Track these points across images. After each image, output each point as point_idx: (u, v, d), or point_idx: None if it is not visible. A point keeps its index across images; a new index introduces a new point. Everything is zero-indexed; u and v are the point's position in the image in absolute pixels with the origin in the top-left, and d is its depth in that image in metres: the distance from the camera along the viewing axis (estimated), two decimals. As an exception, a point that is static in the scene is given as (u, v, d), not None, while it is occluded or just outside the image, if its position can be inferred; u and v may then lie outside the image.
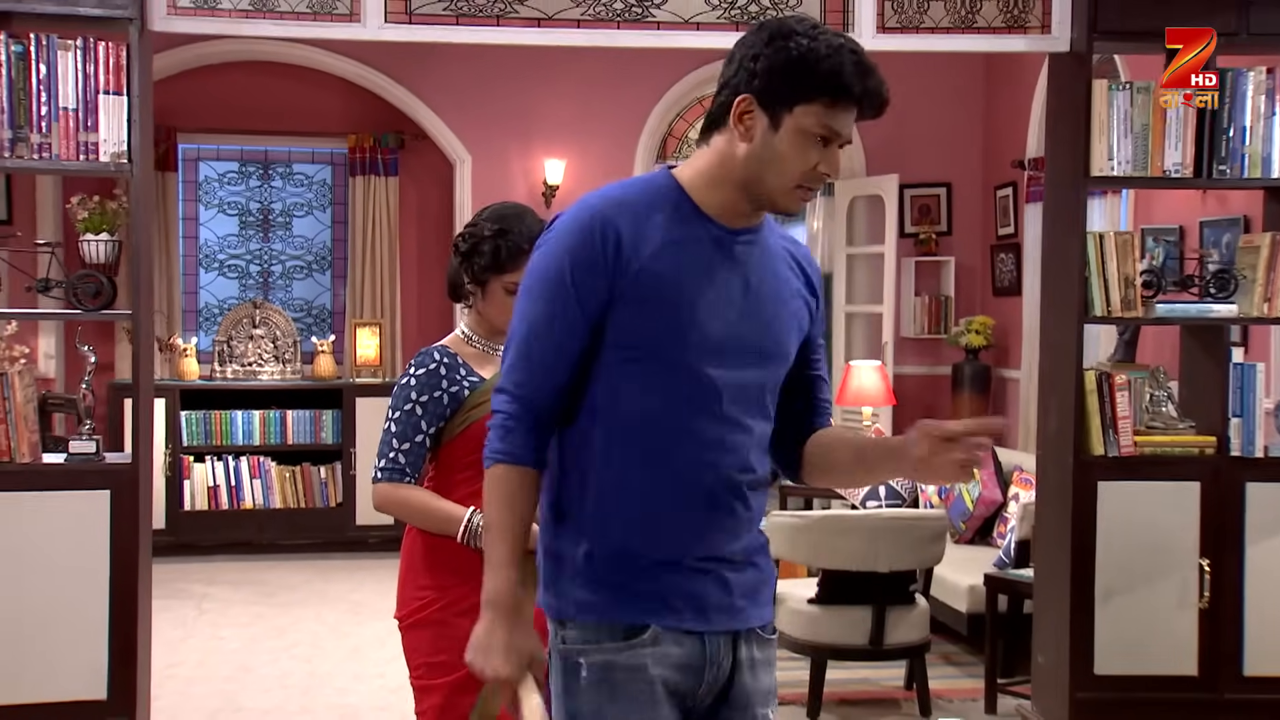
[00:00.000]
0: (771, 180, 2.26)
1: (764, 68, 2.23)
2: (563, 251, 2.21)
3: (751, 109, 2.24)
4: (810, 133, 2.23)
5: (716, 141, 2.30)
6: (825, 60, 2.21)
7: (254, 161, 9.73)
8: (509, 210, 3.20)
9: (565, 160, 9.40)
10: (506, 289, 3.11)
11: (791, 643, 5.76)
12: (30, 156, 4.06)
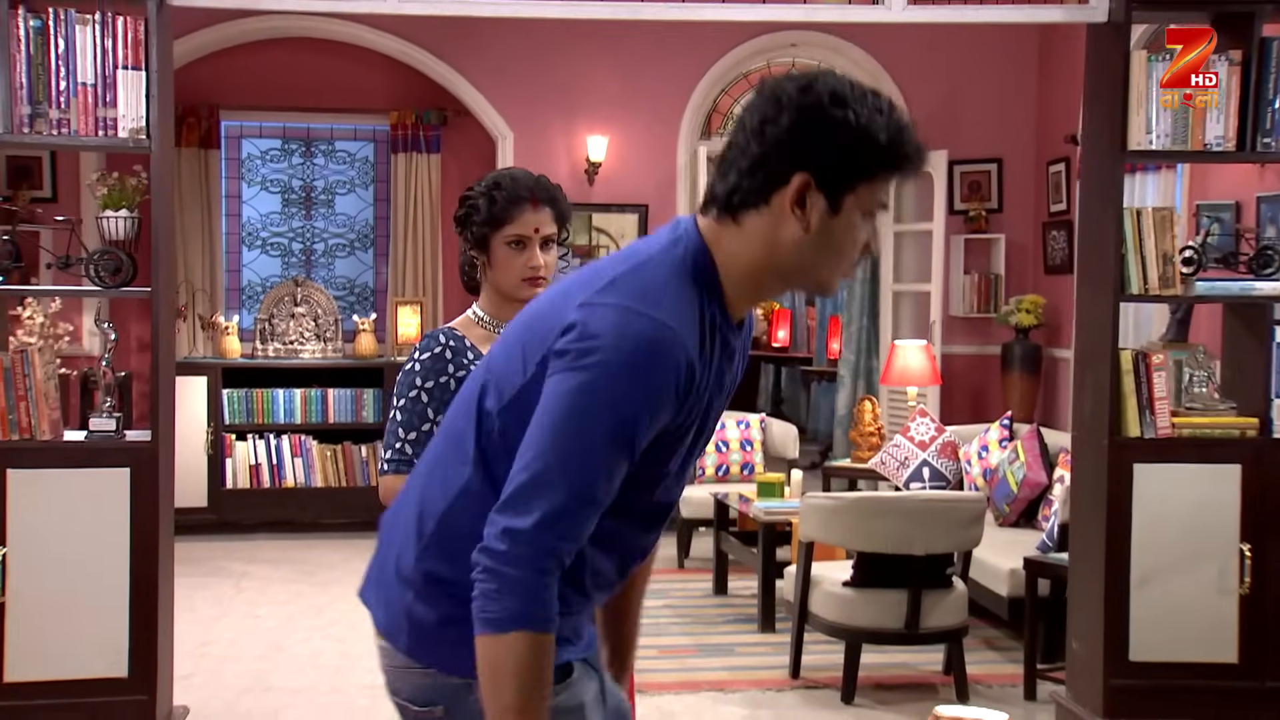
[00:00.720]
0: (826, 268, 2.02)
1: (820, 143, 1.94)
2: (638, 390, 1.90)
3: (808, 189, 1.95)
4: (868, 210, 2.01)
5: (753, 224, 1.99)
6: (886, 131, 1.95)
7: (296, 139, 9.73)
8: (499, 171, 3.15)
9: (608, 137, 9.33)
10: (508, 242, 3.04)
11: (826, 626, 5.69)
12: (49, 132, 4.05)
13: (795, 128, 1.94)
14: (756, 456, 8.11)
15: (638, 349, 1.89)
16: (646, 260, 2.01)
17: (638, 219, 9.39)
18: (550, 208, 3.07)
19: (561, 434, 1.90)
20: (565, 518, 1.90)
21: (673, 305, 1.95)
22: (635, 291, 1.94)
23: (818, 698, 5.68)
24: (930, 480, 7.50)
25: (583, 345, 1.91)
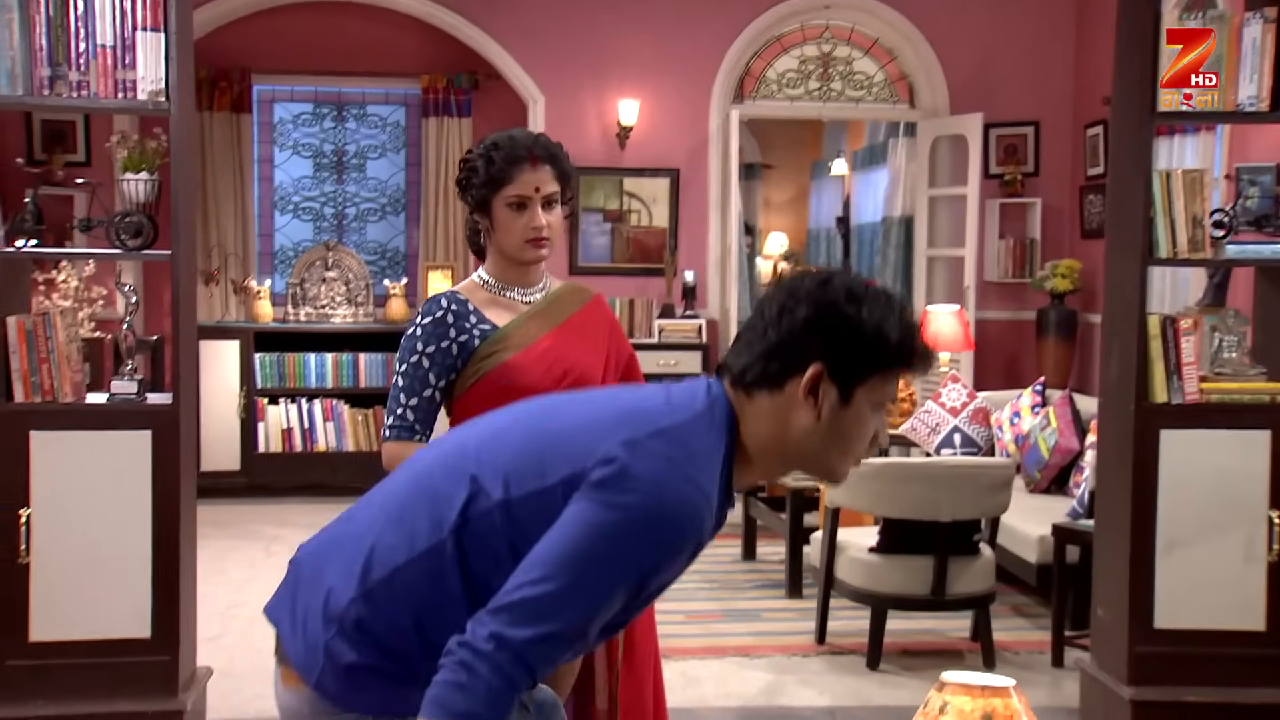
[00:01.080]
0: (834, 456, 2.11)
1: (835, 336, 2.04)
2: (664, 547, 1.96)
3: (823, 382, 2.05)
4: (878, 403, 2.10)
5: (765, 405, 2.08)
6: (898, 329, 2.06)
7: (328, 103, 9.73)
8: (498, 133, 3.11)
9: (639, 100, 9.26)
10: (508, 204, 3.00)
11: (851, 592, 5.67)
12: (69, 95, 4.04)
13: (812, 320, 2.04)
14: (787, 422, 8.06)
15: (677, 509, 1.95)
16: (694, 419, 2.06)
17: (669, 183, 9.34)
18: (551, 166, 3.03)
19: (580, 566, 1.93)
20: (556, 643, 1.93)
21: (710, 473, 2.02)
22: (682, 449, 1.99)
23: (843, 663, 5.66)
24: (961, 446, 7.45)
25: (624, 484, 1.95)
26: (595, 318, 3.19)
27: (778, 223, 15.93)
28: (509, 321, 3.05)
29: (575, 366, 3.05)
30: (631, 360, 3.26)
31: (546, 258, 3.09)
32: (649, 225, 9.37)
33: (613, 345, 3.18)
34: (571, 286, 3.27)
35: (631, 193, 9.36)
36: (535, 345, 3.03)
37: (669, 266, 9.23)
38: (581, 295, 3.23)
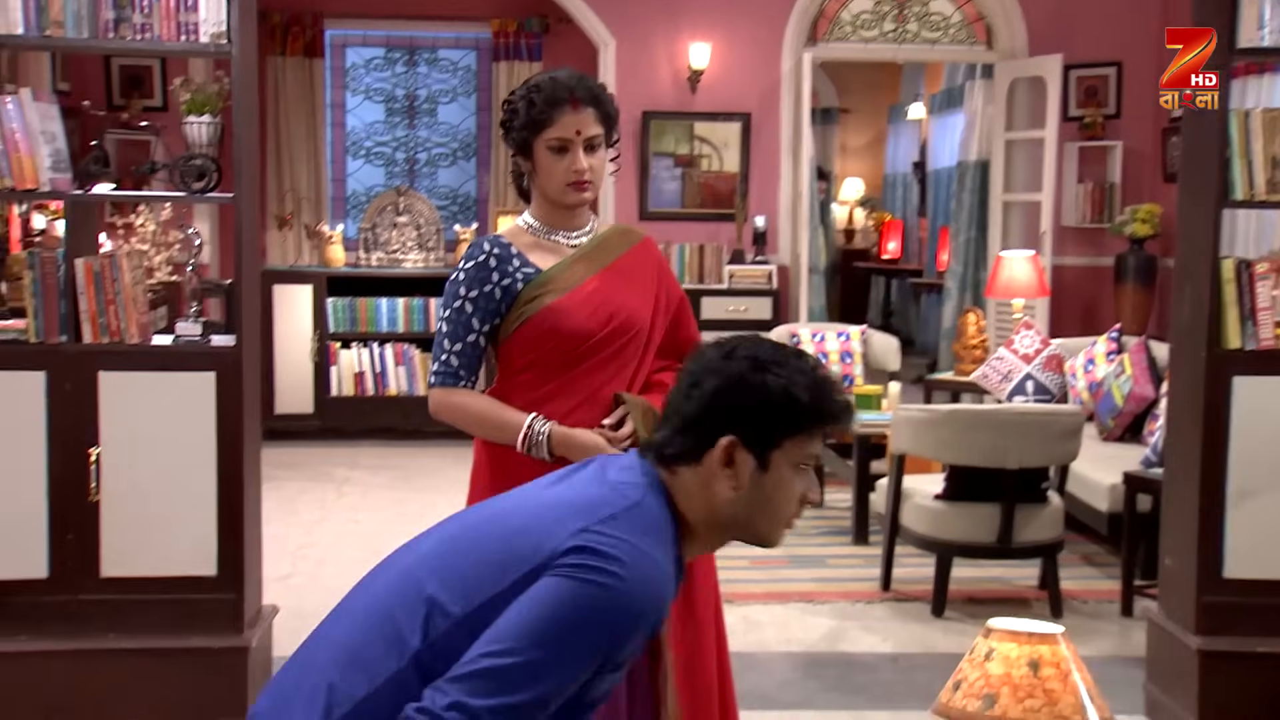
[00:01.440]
0: (763, 523, 2.15)
1: (744, 407, 2.08)
2: (630, 622, 1.97)
3: (737, 452, 2.08)
4: (800, 464, 2.12)
5: (688, 480, 2.12)
6: (808, 390, 2.09)
7: (399, 47, 9.73)
8: (542, 74, 3.06)
9: (711, 43, 9.17)
10: (549, 146, 2.96)
11: (916, 539, 5.63)
12: (133, 37, 4.06)
13: (719, 392, 2.09)
14: (857, 369, 8.01)
15: (645, 585, 1.97)
16: (640, 502, 2.07)
17: (740, 128, 9.26)
18: (593, 108, 2.97)
19: (547, 637, 1.92)
20: (514, 714, 1.90)
21: (665, 549, 2.05)
22: (639, 532, 2.02)
23: (907, 610, 5.64)
24: (1034, 394, 7.35)
25: (593, 563, 1.95)
26: (643, 260, 3.14)
27: (854, 168, 15.79)
28: (553, 265, 3.02)
29: (622, 309, 3.02)
30: (683, 304, 3.21)
31: (589, 201, 3.05)
32: (720, 170, 9.31)
33: (662, 288, 3.14)
34: (620, 228, 3.23)
35: (702, 137, 9.29)
36: (581, 288, 3.00)
37: (739, 212, 9.17)
38: (630, 237, 3.18)
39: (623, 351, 3.00)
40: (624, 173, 9.21)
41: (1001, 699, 2.29)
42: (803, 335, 8.08)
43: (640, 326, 3.02)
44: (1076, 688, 2.30)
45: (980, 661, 2.36)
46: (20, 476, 4.12)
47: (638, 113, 9.20)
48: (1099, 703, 2.32)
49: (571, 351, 2.99)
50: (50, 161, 4.05)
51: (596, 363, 3.00)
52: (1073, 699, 2.28)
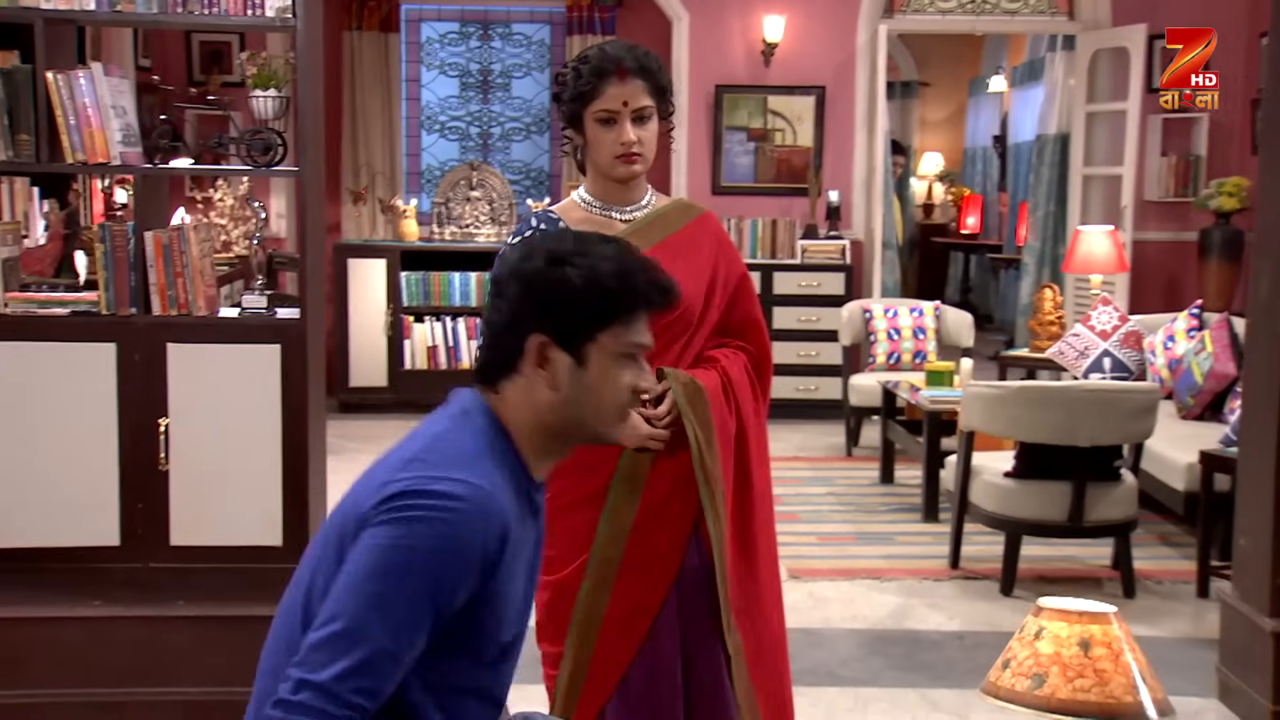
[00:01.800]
0: (594, 419, 2.09)
1: (547, 304, 2.03)
2: (449, 549, 1.92)
3: (549, 351, 2.04)
4: (623, 354, 2.06)
5: (512, 393, 2.07)
6: (614, 277, 2.03)
7: (474, 21, 9.75)
8: (592, 47, 3.01)
9: (785, 16, 9.11)
10: (597, 118, 2.89)
11: (986, 516, 5.57)
12: (201, 12, 4.10)
13: (521, 295, 2.04)
14: (930, 344, 7.93)
15: (451, 509, 1.91)
16: (442, 434, 2.04)
17: (814, 101, 9.18)
18: (642, 79, 2.90)
19: (366, 588, 1.89)
20: (363, 672, 1.87)
21: (483, 469, 1.98)
22: (442, 462, 1.97)
23: (976, 588, 5.58)
24: (1111, 371, 7.24)
25: (394, 505, 1.92)
26: (699, 236, 3.06)
27: (933, 142, 15.61)
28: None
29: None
30: (743, 281, 3.13)
31: (639, 174, 2.96)
32: (793, 144, 9.24)
33: (720, 264, 3.07)
34: (679, 203, 3.15)
35: (776, 111, 9.22)
36: None
37: (813, 186, 9.10)
38: (687, 212, 3.11)
39: (669, 328, 2.92)
40: (696, 147, 9.19)
41: (1050, 678, 2.26)
42: (875, 310, 8.01)
43: (688, 303, 2.94)
44: (1129, 668, 2.26)
45: (1030, 640, 2.33)
46: (93, 446, 4.18)
47: (710, 87, 9.16)
48: (1152, 683, 2.28)
49: None
50: (121, 136, 4.10)
51: None
52: (1124, 679, 2.24)
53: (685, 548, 2.96)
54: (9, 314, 4.11)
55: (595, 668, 2.93)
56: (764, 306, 8.81)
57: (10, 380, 4.12)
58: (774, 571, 3.12)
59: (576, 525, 2.94)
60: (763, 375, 3.12)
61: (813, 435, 8.43)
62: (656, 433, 2.89)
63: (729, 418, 2.99)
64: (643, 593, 2.93)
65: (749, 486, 3.03)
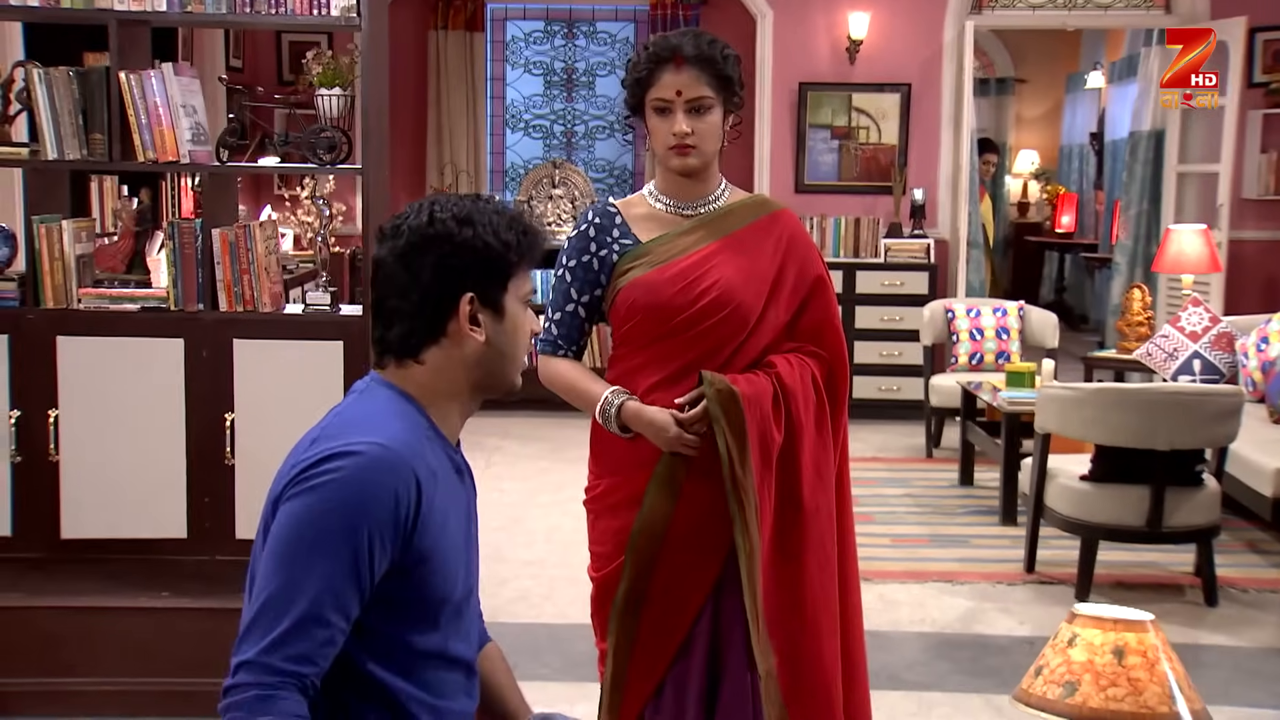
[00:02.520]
0: (508, 367, 2.19)
1: (467, 263, 2.10)
2: (362, 507, 1.96)
3: (475, 307, 2.12)
4: (523, 299, 2.17)
5: (437, 357, 2.13)
6: (510, 229, 2.13)
7: (559, 20, 9.78)
8: (660, 35, 2.93)
9: (870, 13, 9.02)
10: (654, 107, 2.83)
11: (1061, 520, 5.47)
12: (268, 11, 4.15)
13: (442, 258, 2.08)
14: (1013, 345, 7.81)
15: (352, 466, 1.95)
16: (343, 410, 2.13)
17: (899, 99, 9.08)
18: (699, 68, 2.81)
19: (286, 557, 1.94)
20: (290, 640, 1.91)
21: (388, 428, 2.03)
22: (342, 431, 2.02)
23: (1050, 593, 5.48)
24: (1201, 373, 7.07)
25: (300, 478, 1.97)
26: (769, 233, 2.93)
27: (1029, 139, 15.37)
28: (657, 236, 2.89)
29: (718, 285, 2.85)
30: (820, 284, 2.97)
31: (694, 167, 2.86)
32: (878, 142, 9.15)
33: (790, 265, 2.93)
34: (756, 199, 3.03)
35: (860, 108, 9.14)
36: (676, 262, 2.86)
37: (897, 184, 9.00)
38: (759, 209, 2.98)
39: (716, 328, 2.84)
40: (780, 146, 9.14)
41: (1083, 686, 2.20)
42: (957, 310, 7.91)
43: (739, 302, 2.85)
44: (1165, 678, 2.19)
45: (1063, 647, 2.27)
46: (161, 440, 4.26)
47: (794, 84, 9.10)
48: (1189, 694, 2.21)
49: (658, 326, 2.85)
50: (190, 134, 4.17)
51: (687, 339, 2.85)
52: (1159, 689, 2.17)
53: (724, 560, 2.85)
54: (82, 309, 4.20)
55: (633, 673, 2.88)
56: (846, 306, 8.78)
57: (83, 374, 4.21)
58: (829, 595, 2.94)
59: (621, 525, 2.89)
60: (836, 385, 2.96)
61: (894, 436, 8.34)
62: (687, 437, 2.80)
63: (774, 429, 2.84)
64: (677, 602, 2.86)
65: (797, 503, 2.87)
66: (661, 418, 2.81)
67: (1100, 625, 2.25)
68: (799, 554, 2.88)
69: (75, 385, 4.21)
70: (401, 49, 9.49)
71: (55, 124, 4.12)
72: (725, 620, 2.87)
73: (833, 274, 8.55)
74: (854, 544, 3.09)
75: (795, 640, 2.88)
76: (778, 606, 2.87)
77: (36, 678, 4.12)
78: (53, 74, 4.12)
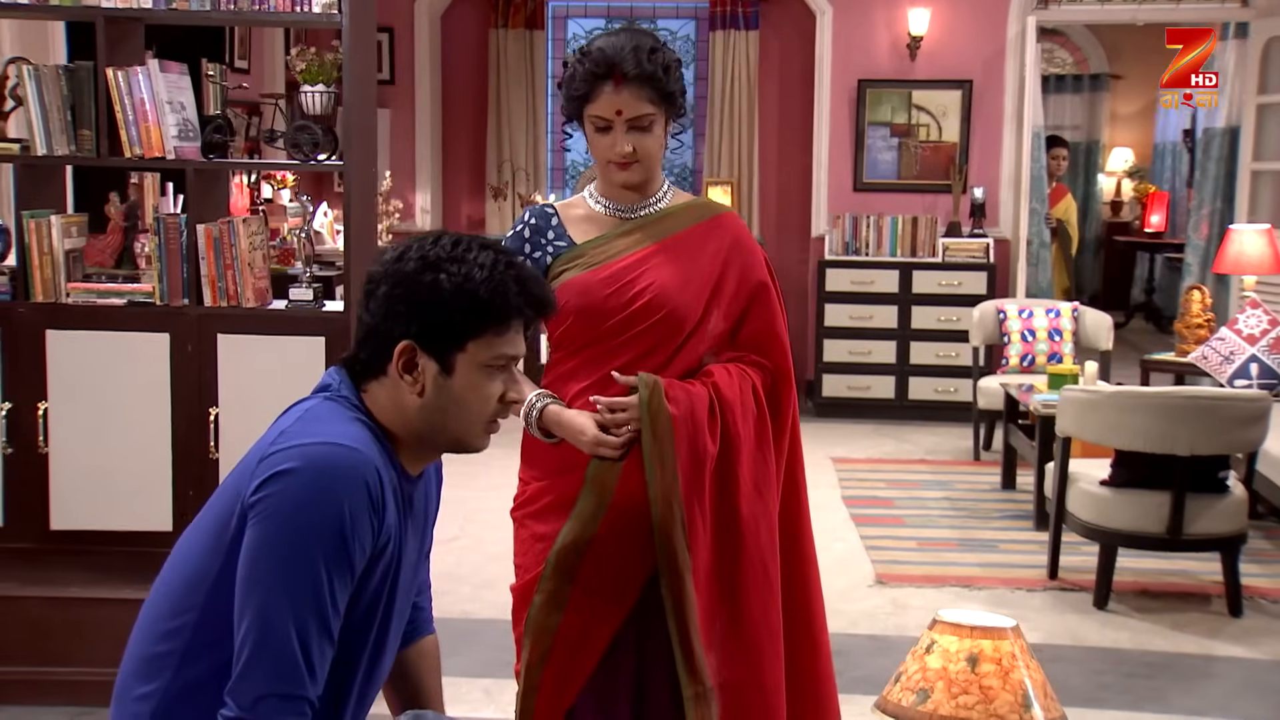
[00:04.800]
0: (458, 427, 2.06)
1: (415, 310, 1.99)
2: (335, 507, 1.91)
3: (415, 357, 2.01)
4: (492, 364, 2.02)
5: (378, 392, 2.06)
6: (486, 286, 1.98)
7: (619, 17, 9.76)
8: (603, 35, 2.79)
9: (931, 9, 8.86)
10: (592, 123, 2.75)
11: (1080, 526, 5.32)
12: (249, 8, 4.19)
13: (391, 298, 2.00)
14: (1066, 346, 7.62)
15: (328, 468, 1.90)
16: (309, 408, 2.06)
17: (961, 96, 8.91)
18: (639, 86, 2.68)
19: (261, 579, 1.88)
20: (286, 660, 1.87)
21: (347, 431, 1.97)
22: (310, 431, 1.97)
23: (1069, 600, 5.33)
24: (1259, 377, 6.82)
25: (275, 487, 1.90)
26: (709, 237, 2.84)
27: (1123, 137, 14.99)
28: (593, 238, 2.81)
29: (652, 288, 2.76)
30: (762, 291, 2.86)
31: (635, 183, 2.78)
32: (938, 139, 8.99)
33: (732, 270, 2.83)
34: (697, 203, 2.94)
35: (920, 106, 8.98)
36: (610, 264, 2.78)
37: (956, 183, 8.84)
38: (699, 212, 2.88)
39: (650, 332, 2.76)
40: (838, 144, 9.03)
41: (935, 694, 2.13)
42: (1009, 311, 7.74)
43: (674, 306, 2.76)
44: (1020, 686, 2.11)
45: (921, 654, 2.20)
46: (148, 433, 4.31)
47: (853, 81, 8.98)
48: (1047, 703, 2.12)
49: (590, 330, 2.78)
50: (177, 131, 4.22)
51: (619, 343, 2.77)
52: (1011, 698, 2.09)
53: (648, 575, 2.75)
54: (71, 304, 4.27)
55: (544, 690, 2.78)
56: (901, 305, 8.62)
57: (72, 368, 4.28)
58: (770, 612, 2.83)
59: (545, 532, 2.78)
60: (779, 396, 2.87)
61: (945, 438, 8.19)
62: (608, 440, 2.70)
63: (708, 440, 2.73)
64: (596, 616, 2.76)
65: (735, 518, 2.77)
66: (579, 420, 2.72)
67: (957, 632, 2.18)
68: (736, 570, 2.79)
69: (64, 378, 4.28)
70: (461, 47, 9.57)
71: (45, 120, 4.20)
72: (651, 641, 2.77)
73: (888, 273, 8.49)
74: (813, 556, 2.99)
75: (733, 660, 2.79)
76: (714, 628, 2.78)
77: (26, 666, 4.20)
78: (42, 70, 4.20)
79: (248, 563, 1.90)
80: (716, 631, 2.77)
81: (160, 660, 2.00)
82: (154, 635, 2.02)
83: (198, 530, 2.05)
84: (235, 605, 1.92)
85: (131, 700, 2.02)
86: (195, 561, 2.00)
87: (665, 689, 2.76)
